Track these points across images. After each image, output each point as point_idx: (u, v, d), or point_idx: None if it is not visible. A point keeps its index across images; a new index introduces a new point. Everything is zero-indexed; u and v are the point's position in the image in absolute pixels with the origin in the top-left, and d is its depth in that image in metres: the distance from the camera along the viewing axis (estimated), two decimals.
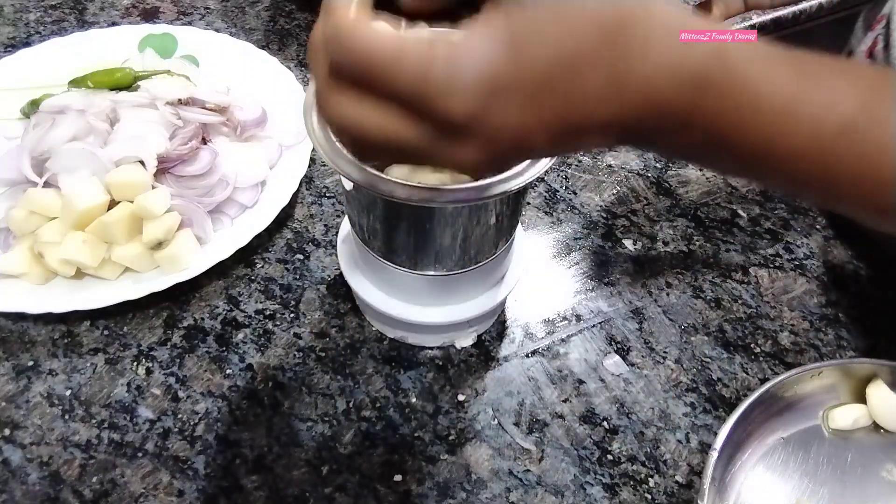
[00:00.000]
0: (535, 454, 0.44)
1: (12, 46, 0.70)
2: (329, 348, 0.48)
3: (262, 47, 0.67)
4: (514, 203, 0.40)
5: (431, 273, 0.41)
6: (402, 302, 0.45)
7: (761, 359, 0.49)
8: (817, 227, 0.59)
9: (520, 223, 0.45)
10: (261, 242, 0.54)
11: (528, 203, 0.59)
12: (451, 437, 0.44)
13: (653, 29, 0.24)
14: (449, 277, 0.42)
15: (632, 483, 0.43)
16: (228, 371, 0.47)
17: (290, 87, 0.63)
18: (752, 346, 0.50)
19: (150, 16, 0.75)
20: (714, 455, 0.39)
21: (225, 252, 0.50)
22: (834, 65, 0.27)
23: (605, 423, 0.45)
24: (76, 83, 0.59)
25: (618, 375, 0.48)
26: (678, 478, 0.43)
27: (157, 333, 0.48)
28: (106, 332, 0.48)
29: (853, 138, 0.26)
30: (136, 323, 0.49)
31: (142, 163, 0.51)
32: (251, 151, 0.56)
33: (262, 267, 0.53)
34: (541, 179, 0.61)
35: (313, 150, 0.58)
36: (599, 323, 0.51)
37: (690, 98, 0.24)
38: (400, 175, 0.41)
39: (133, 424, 0.44)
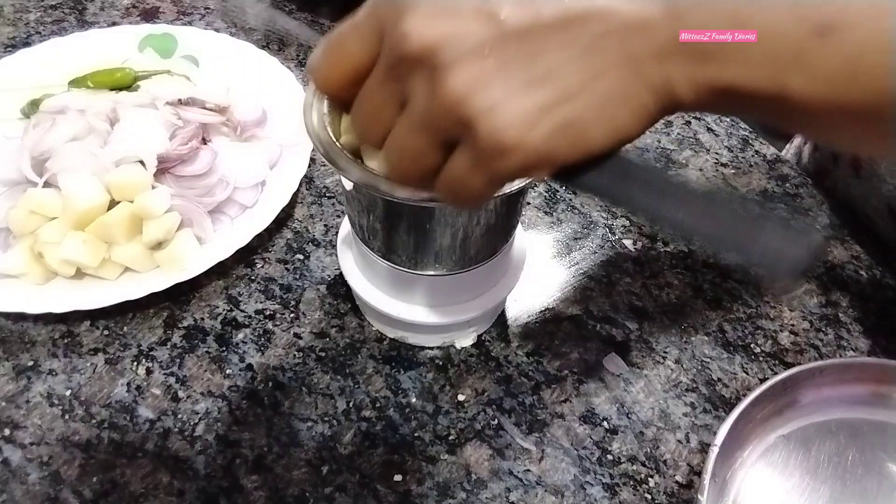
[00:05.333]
0: (535, 454, 0.44)
1: (12, 46, 0.70)
2: (329, 348, 0.48)
3: (263, 47, 0.67)
4: (514, 203, 0.40)
5: (431, 273, 0.41)
6: (402, 302, 0.45)
7: (761, 359, 0.49)
8: (817, 227, 0.59)
9: (520, 223, 0.45)
10: (261, 242, 0.54)
11: (528, 203, 0.59)
12: (451, 437, 0.44)
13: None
14: (449, 277, 0.42)
15: (632, 483, 0.43)
16: (228, 371, 0.47)
17: (290, 87, 0.63)
18: (752, 346, 0.50)
19: (150, 16, 0.75)
20: (714, 451, 0.39)
21: (225, 252, 0.50)
22: None
23: (605, 423, 0.45)
24: (76, 83, 0.59)
25: (618, 375, 0.48)
26: (678, 478, 0.43)
27: (157, 333, 0.48)
28: (106, 332, 0.48)
29: (833, 41, 0.24)
30: (136, 323, 0.49)
31: (142, 163, 0.51)
32: (251, 151, 0.56)
33: (262, 267, 0.53)
34: (541, 179, 0.61)
35: (313, 150, 0.58)
36: (599, 323, 0.51)
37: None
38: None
39: (133, 424, 0.44)
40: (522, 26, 0.25)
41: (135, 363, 0.47)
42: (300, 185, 0.55)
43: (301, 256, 0.54)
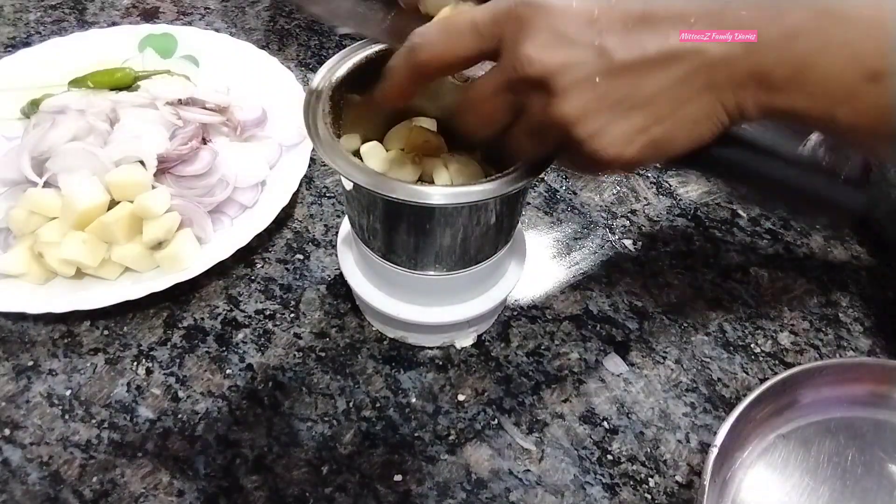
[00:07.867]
0: (535, 454, 0.44)
1: (12, 46, 0.70)
2: (329, 348, 0.48)
3: (262, 47, 0.67)
4: (514, 203, 0.40)
5: (431, 273, 0.41)
6: (402, 302, 0.45)
7: (761, 359, 0.49)
8: (817, 226, 0.59)
9: (520, 223, 0.45)
10: (261, 242, 0.54)
11: (528, 203, 0.59)
12: (451, 437, 0.44)
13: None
14: (449, 277, 0.42)
15: (632, 483, 0.43)
16: (228, 371, 0.47)
17: (290, 87, 0.63)
18: (752, 346, 0.50)
19: (150, 16, 0.75)
20: (714, 452, 0.39)
21: (225, 252, 0.50)
22: None
23: (605, 423, 0.45)
24: (76, 83, 0.59)
25: (618, 375, 0.48)
26: (678, 478, 0.43)
27: (157, 333, 0.48)
28: (106, 332, 0.48)
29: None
30: (136, 323, 0.49)
31: (142, 163, 0.51)
32: (251, 151, 0.56)
33: (262, 267, 0.53)
34: (541, 179, 0.61)
35: (313, 150, 0.58)
36: (599, 323, 0.51)
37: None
38: (402, 175, 0.41)
39: (133, 424, 0.44)
40: (628, 60, 0.29)
41: (135, 363, 0.47)
42: (300, 185, 0.56)
43: (301, 256, 0.54)
